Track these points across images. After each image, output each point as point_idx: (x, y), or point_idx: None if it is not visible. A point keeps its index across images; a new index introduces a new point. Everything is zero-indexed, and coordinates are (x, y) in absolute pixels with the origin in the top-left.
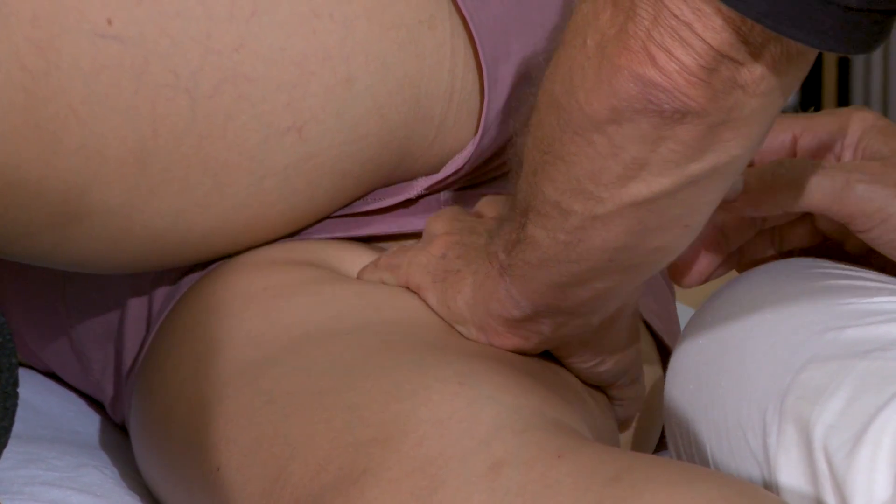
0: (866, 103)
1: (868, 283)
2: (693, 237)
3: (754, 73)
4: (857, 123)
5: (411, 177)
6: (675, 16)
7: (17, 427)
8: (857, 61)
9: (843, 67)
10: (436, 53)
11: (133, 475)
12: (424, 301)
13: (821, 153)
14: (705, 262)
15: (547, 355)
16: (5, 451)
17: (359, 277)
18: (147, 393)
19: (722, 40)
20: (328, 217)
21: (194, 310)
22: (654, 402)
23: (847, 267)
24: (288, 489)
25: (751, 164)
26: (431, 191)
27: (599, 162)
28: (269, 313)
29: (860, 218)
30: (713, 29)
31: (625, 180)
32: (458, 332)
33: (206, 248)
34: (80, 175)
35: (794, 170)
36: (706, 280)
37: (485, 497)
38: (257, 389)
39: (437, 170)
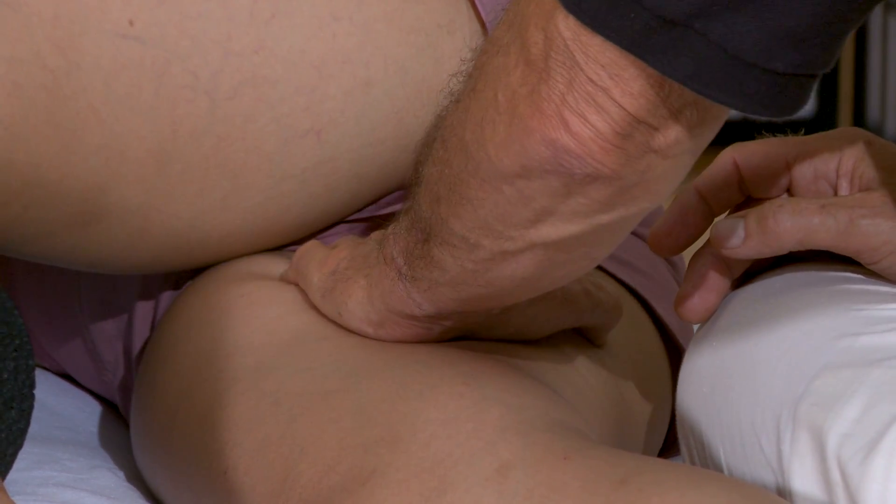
0: (882, 111)
1: (883, 289)
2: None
3: (669, 137)
4: (851, 149)
5: None
6: (592, 80)
7: (32, 428)
8: (874, 67)
9: (860, 74)
10: (454, 58)
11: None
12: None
13: (816, 182)
14: (712, 298)
15: (547, 358)
16: (19, 452)
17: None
18: (143, 409)
19: (639, 106)
20: (342, 221)
21: (175, 328)
22: (661, 398)
23: (862, 272)
24: (297, 490)
25: (749, 199)
26: None
27: (508, 208)
28: (250, 320)
29: (867, 252)
30: (630, 94)
31: (534, 223)
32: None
33: (223, 250)
34: (100, 175)
35: (795, 212)
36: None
37: (493, 500)
38: (261, 393)
39: None
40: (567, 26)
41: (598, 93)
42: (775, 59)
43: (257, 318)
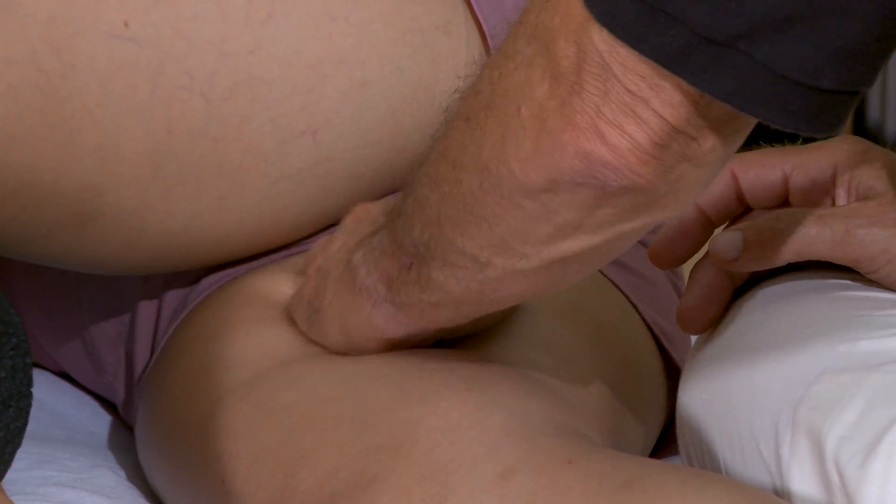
0: (882, 111)
1: (882, 295)
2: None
3: (705, 146)
4: (848, 159)
5: None
6: (630, 91)
7: (31, 427)
8: None
9: None
10: (450, 59)
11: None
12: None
13: (814, 192)
14: (713, 309)
15: (546, 359)
16: (19, 452)
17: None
18: (148, 411)
19: (679, 116)
20: (339, 222)
21: (185, 336)
22: (654, 395)
23: (861, 280)
24: (297, 497)
25: (748, 210)
26: None
27: (528, 224)
28: (250, 337)
29: (865, 261)
30: (671, 105)
31: (554, 239)
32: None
33: (220, 251)
34: (96, 176)
35: (792, 223)
36: None
37: None
38: (255, 404)
39: None
40: (602, 39)
41: (637, 103)
42: (822, 77)
43: (257, 335)
